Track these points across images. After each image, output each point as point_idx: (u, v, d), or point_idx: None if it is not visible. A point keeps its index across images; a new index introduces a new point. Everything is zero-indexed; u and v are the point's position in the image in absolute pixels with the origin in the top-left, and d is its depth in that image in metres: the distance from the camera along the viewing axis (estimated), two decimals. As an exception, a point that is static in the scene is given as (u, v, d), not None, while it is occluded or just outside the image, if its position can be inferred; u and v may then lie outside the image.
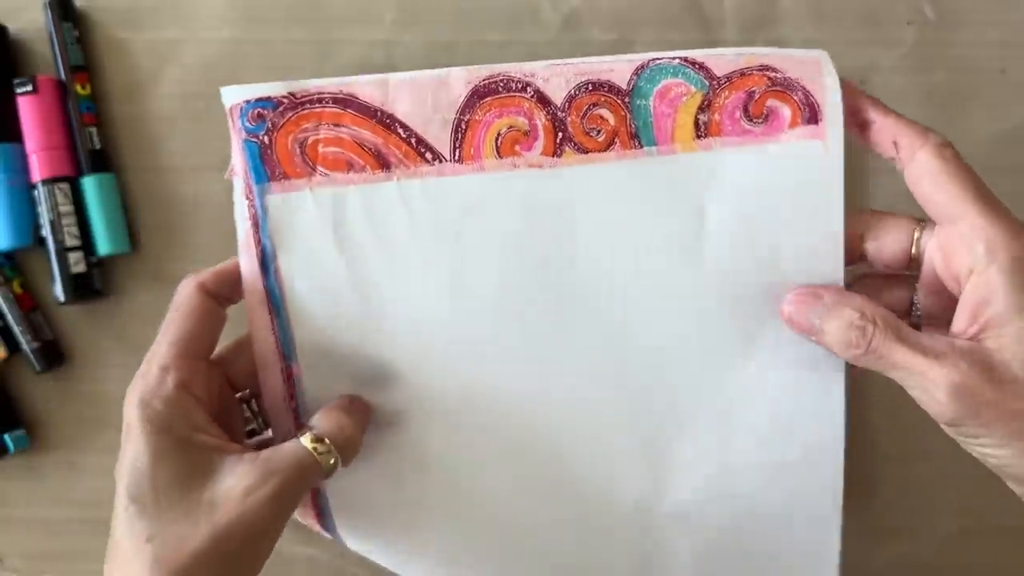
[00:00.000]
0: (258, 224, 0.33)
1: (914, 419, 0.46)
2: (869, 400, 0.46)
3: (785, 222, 0.32)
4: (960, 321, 0.28)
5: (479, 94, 0.32)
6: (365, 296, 0.33)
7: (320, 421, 0.32)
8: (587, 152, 0.32)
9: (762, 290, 0.33)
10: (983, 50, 0.47)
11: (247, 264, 0.33)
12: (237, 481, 0.28)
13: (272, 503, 0.28)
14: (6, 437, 0.46)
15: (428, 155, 0.32)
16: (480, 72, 0.32)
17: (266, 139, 0.32)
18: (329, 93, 0.32)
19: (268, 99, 0.32)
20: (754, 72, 0.32)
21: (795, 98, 0.32)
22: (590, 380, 0.34)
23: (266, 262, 0.33)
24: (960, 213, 0.28)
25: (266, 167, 0.32)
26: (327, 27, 0.47)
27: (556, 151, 0.32)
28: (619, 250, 0.33)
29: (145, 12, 0.48)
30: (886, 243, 0.31)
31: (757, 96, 0.32)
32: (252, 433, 0.37)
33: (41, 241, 0.46)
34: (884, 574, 0.47)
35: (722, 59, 0.32)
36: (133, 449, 0.29)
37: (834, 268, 0.32)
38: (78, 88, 0.46)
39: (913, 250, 0.31)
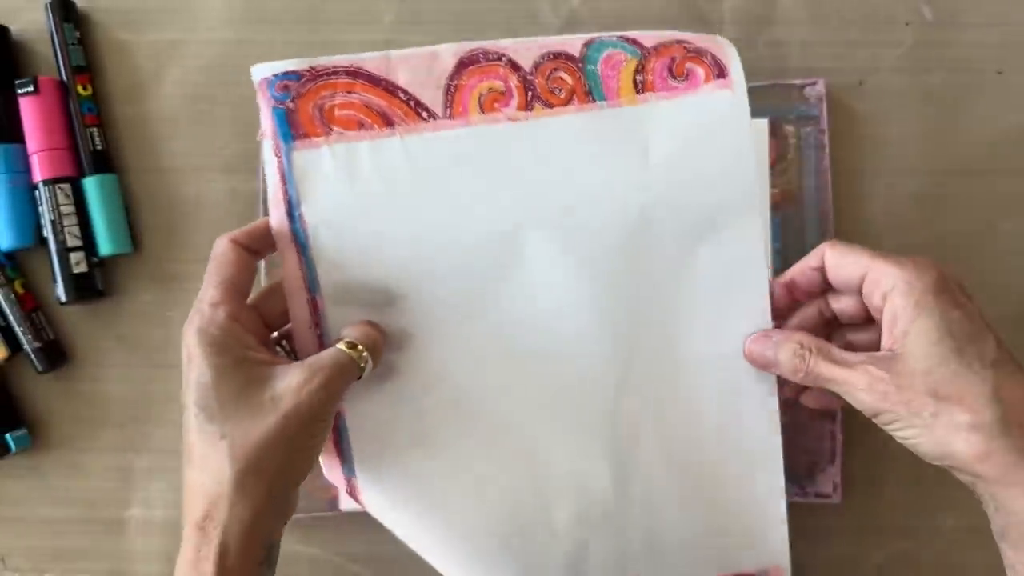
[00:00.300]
0: (285, 178, 0.38)
1: (912, 418, 0.46)
2: (868, 399, 0.46)
3: (708, 152, 0.40)
4: (884, 340, 0.36)
5: (464, 63, 0.40)
6: (376, 233, 0.39)
7: (350, 331, 0.37)
8: (552, 107, 0.40)
9: (696, 207, 0.40)
10: (981, 51, 0.47)
11: (276, 213, 0.38)
12: (291, 380, 0.34)
13: (322, 392, 0.34)
14: (8, 437, 0.46)
15: (424, 114, 0.39)
16: (464, 46, 0.40)
17: (291, 105, 0.38)
18: (342, 67, 0.39)
19: (293, 72, 0.38)
20: (673, 44, 0.41)
21: (706, 61, 0.41)
22: (565, 289, 0.40)
23: (292, 210, 0.38)
24: (864, 268, 0.36)
25: (291, 129, 0.38)
26: (327, 28, 0.48)
27: (528, 106, 0.40)
28: (583, 184, 0.40)
29: (146, 13, 0.48)
30: (846, 305, 0.39)
31: (678, 61, 0.41)
32: None
33: (43, 241, 0.46)
34: (886, 572, 0.47)
35: (648, 36, 0.41)
36: (196, 371, 0.34)
37: (748, 183, 0.40)
38: (79, 89, 0.46)
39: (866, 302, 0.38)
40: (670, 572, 0.43)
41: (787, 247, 0.46)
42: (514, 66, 0.40)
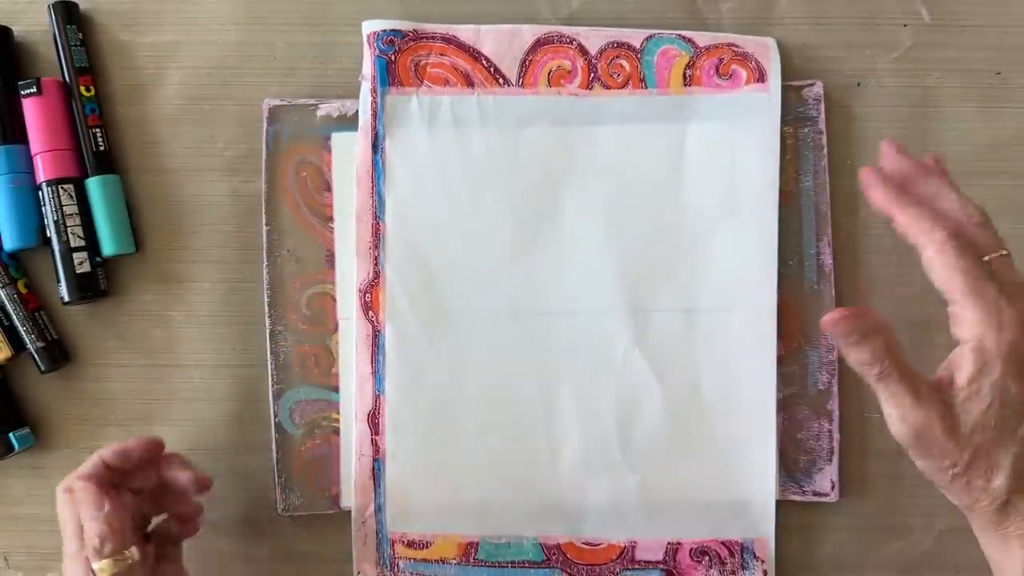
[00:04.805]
0: (376, 115, 0.46)
1: (910, 417, 0.46)
2: (865, 399, 0.47)
3: (739, 143, 0.46)
4: (952, 374, 0.34)
5: (540, 42, 0.46)
6: (441, 175, 0.46)
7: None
8: (609, 88, 0.46)
9: (722, 190, 0.46)
10: (978, 52, 0.47)
11: (363, 143, 0.46)
12: None
13: None
14: (11, 435, 0.46)
15: (501, 80, 0.46)
16: (543, 28, 0.47)
17: (392, 57, 0.46)
18: (439, 33, 0.46)
19: (399, 31, 0.46)
20: (724, 46, 0.46)
21: (750, 64, 0.46)
22: (595, 247, 0.46)
23: (377, 142, 0.46)
24: (951, 298, 0.34)
25: (389, 76, 0.46)
26: (328, 30, 0.48)
27: (589, 85, 0.46)
28: (626, 156, 0.46)
29: (148, 15, 0.48)
30: None
31: (725, 61, 0.46)
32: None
33: (46, 242, 0.47)
34: (881, 569, 0.47)
35: (704, 36, 0.47)
36: None
37: (771, 177, 0.46)
38: (82, 90, 0.47)
39: None
40: (663, 530, 0.46)
41: (784, 246, 0.46)
42: (582, 50, 0.46)
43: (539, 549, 0.46)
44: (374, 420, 0.46)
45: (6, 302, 0.47)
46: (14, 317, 0.46)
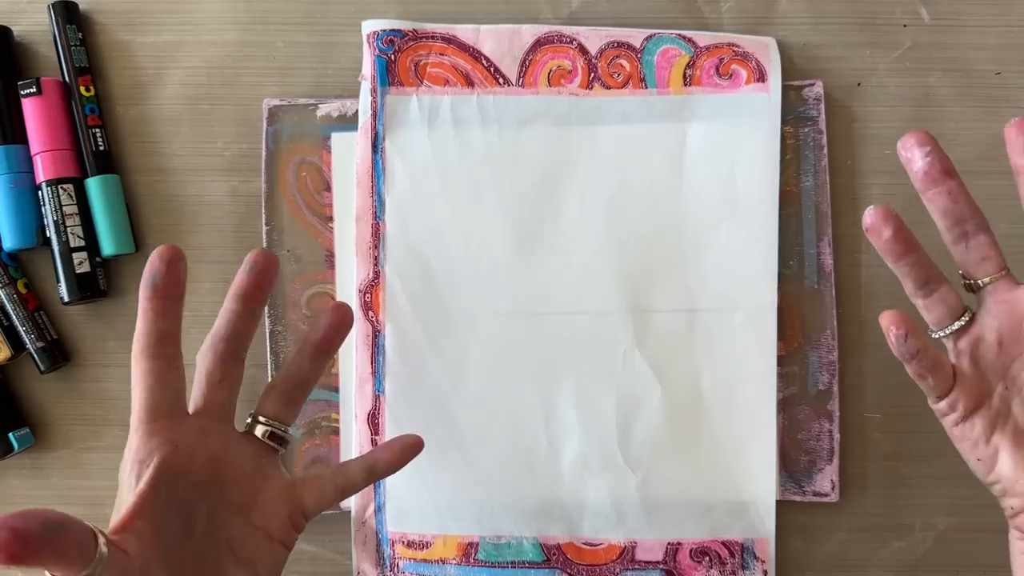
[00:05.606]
0: (376, 115, 0.46)
1: (909, 419, 0.46)
2: (865, 399, 0.47)
3: (740, 143, 0.46)
4: None
5: (540, 42, 0.46)
6: (441, 176, 0.46)
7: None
8: (610, 88, 0.46)
9: (722, 189, 0.46)
10: (978, 52, 0.47)
11: (363, 143, 0.46)
12: None
13: None
14: (11, 436, 0.46)
15: (501, 80, 0.46)
16: (542, 28, 0.46)
17: (392, 57, 0.46)
18: (439, 33, 0.46)
19: (399, 31, 0.46)
20: (724, 46, 0.46)
21: (750, 64, 0.46)
22: (594, 248, 0.46)
23: (377, 142, 0.46)
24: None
25: (389, 76, 0.46)
26: (328, 30, 0.48)
27: (589, 85, 0.46)
28: (626, 155, 0.46)
29: (148, 15, 0.48)
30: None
31: (725, 61, 0.46)
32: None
33: (46, 242, 0.47)
34: (882, 570, 0.47)
35: (704, 35, 0.46)
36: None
37: (771, 176, 0.46)
38: (82, 90, 0.47)
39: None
40: (663, 530, 0.46)
41: (784, 246, 0.46)
42: (582, 49, 0.46)
43: (539, 549, 0.46)
44: (374, 420, 0.46)
45: (6, 302, 0.47)
46: (14, 317, 0.46)
